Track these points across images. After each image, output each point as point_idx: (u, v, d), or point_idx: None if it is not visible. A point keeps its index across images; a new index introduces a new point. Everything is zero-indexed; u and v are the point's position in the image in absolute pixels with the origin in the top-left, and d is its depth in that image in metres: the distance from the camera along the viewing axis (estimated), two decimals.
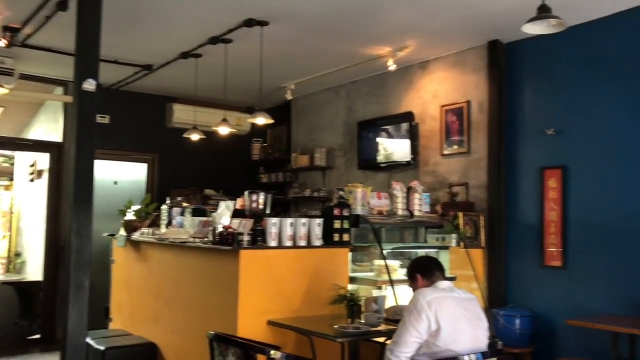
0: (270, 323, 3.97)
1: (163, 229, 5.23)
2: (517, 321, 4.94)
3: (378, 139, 6.61)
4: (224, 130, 6.30)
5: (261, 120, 5.70)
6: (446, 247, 5.19)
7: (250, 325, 3.91)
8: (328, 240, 4.35)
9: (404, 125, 6.33)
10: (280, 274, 4.12)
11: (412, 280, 3.37)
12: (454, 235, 5.15)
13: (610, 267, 4.68)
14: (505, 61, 5.54)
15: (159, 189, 7.85)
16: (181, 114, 7.77)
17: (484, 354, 2.96)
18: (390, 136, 6.51)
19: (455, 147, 5.89)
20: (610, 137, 4.76)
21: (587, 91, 4.94)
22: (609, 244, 4.70)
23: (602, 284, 4.72)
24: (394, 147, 6.44)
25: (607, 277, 4.69)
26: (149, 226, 5.50)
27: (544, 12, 3.52)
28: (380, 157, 6.55)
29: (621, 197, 4.65)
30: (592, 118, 4.89)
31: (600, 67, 4.87)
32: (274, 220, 4.09)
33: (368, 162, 6.77)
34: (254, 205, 4.26)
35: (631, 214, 4.57)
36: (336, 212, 4.36)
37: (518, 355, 5.03)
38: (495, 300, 5.31)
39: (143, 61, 6.56)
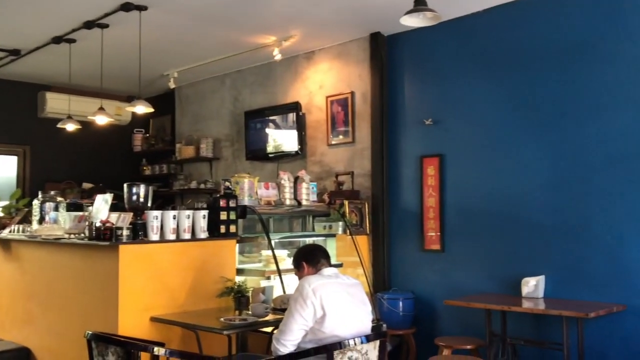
0: (154, 319, 3.82)
1: (35, 226, 4.88)
2: (400, 304, 5.14)
3: (266, 130, 6.57)
4: (101, 120, 5.99)
5: (141, 109, 5.46)
6: (333, 235, 5.28)
7: (132, 323, 3.74)
8: (214, 232, 4.26)
9: (291, 116, 6.35)
10: (163, 269, 3.97)
11: (298, 268, 3.37)
12: (340, 223, 5.25)
13: (483, 248, 4.97)
14: (386, 53, 5.71)
15: (31, 184, 7.34)
16: (55, 103, 7.30)
17: (367, 337, 3.02)
18: (277, 126, 6.50)
19: (341, 137, 5.99)
20: (482, 127, 5.05)
21: (461, 83, 5.20)
22: (482, 227, 4.99)
23: (477, 265, 5.01)
24: (282, 138, 6.44)
25: (481, 258, 4.99)
26: (20, 223, 5.11)
27: (420, 5, 3.64)
28: (270, 148, 6.52)
29: (492, 183, 4.95)
30: (465, 109, 5.16)
31: (473, 60, 5.14)
32: (155, 213, 3.94)
33: (256, 153, 6.72)
34: (134, 198, 4.08)
35: (501, 198, 4.88)
36: (222, 203, 4.27)
37: (402, 337, 5.23)
38: (380, 285, 5.49)
39: (9, 45, 6.07)
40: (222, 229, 4.24)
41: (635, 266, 4.15)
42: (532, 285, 4.48)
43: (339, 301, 3.04)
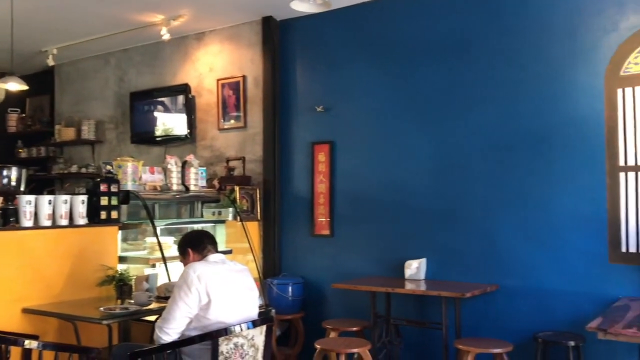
0: (27, 311, 3.59)
1: None
2: (290, 289, 5.17)
3: (153, 112, 6.33)
4: None
5: (14, 86, 5.07)
6: (223, 221, 5.20)
7: (1, 315, 3.48)
8: (95, 218, 4.05)
9: (180, 98, 6.16)
10: (37, 257, 3.73)
11: (183, 255, 3.29)
12: (230, 209, 5.17)
13: (371, 233, 5.11)
14: (279, 38, 5.67)
15: None
16: None
17: (254, 322, 3.01)
18: (166, 109, 6.29)
19: (233, 121, 5.90)
20: (370, 115, 5.16)
21: (352, 71, 5.28)
22: (369, 212, 5.13)
23: (364, 249, 5.14)
24: (170, 121, 6.23)
25: (368, 242, 5.12)
26: None
27: None
28: (158, 131, 6.29)
29: (379, 170, 5.09)
30: (356, 97, 5.25)
31: (364, 49, 5.24)
32: (29, 197, 3.68)
33: (142, 136, 6.46)
34: (5, 181, 3.77)
35: (387, 185, 5.03)
36: (103, 188, 4.07)
37: (291, 321, 5.27)
38: (270, 271, 5.49)
39: None
40: (103, 215, 4.05)
41: (507, 249, 4.44)
42: (415, 268, 4.67)
43: (225, 287, 3.00)
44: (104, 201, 4.04)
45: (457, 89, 4.72)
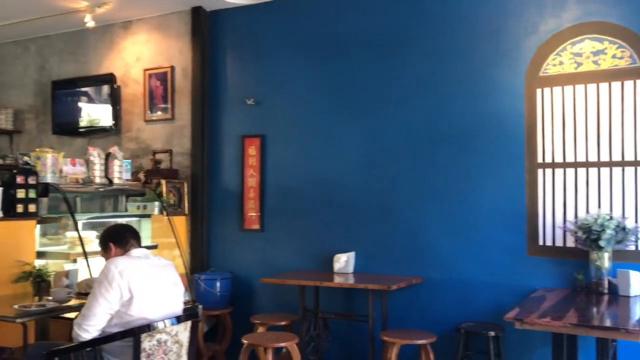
0: None
1: None
2: (218, 284, 5.10)
3: (77, 102, 6.08)
4: None
5: None
6: (148, 215, 5.06)
7: None
8: (11, 212, 3.85)
9: (105, 88, 5.94)
10: None
11: (105, 250, 3.18)
12: (156, 203, 5.04)
13: (301, 227, 5.11)
14: (209, 29, 5.57)
15: None
16: None
17: (178, 318, 2.95)
18: (90, 99, 6.05)
19: (160, 113, 5.75)
20: (302, 109, 5.16)
21: (283, 65, 5.26)
22: (299, 206, 5.13)
23: (294, 244, 5.14)
24: (94, 111, 6.00)
25: (298, 236, 5.12)
26: None
27: None
28: (82, 122, 6.04)
29: (310, 164, 5.10)
30: (287, 91, 5.24)
31: (296, 43, 5.22)
32: None
33: (65, 127, 6.19)
34: None
35: (318, 179, 5.05)
36: (20, 180, 3.88)
37: (219, 317, 5.21)
38: (198, 266, 5.40)
39: None
40: (20, 208, 3.87)
41: (432, 242, 4.55)
42: (343, 262, 4.71)
43: (148, 283, 2.92)
44: (20, 194, 3.86)
45: (386, 84, 4.79)
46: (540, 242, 4.17)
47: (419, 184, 4.63)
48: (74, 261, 4.26)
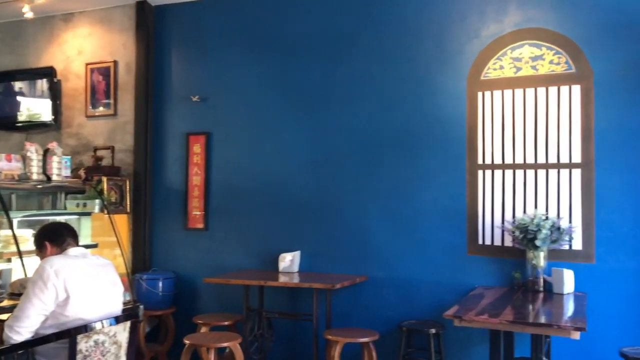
0: None
1: None
2: (160, 284, 5.01)
3: (15, 96, 5.85)
4: None
5: None
6: (88, 214, 4.93)
7: None
8: None
9: (44, 82, 5.74)
10: None
11: (40, 249, 3.07)
12: (97, 201, 4.90)
13: (246, 226, 5.08)
14: (153, 24, 5.47)
15: None
16: None
17: (116, 318, 2.88)
18: (28, 92, 5.83)
19: (102, 108, 5.61)
20: (249, 107, 5.13)
21: (231, 62, 5.21)
22: (245, 205, 5.09)
23: (239, 243, 5.10)
24: (33, 105, 5.79)
25: (243, 236, 5.09)
26: None
27: None
28: (21, 116, 5.81)
29: (256, 163, 5.07)
30: (234, 88, 5.19)
31: (244, 40, 5.18)
32: None
33: (1, 121, 5.94)
34: None
35: (264, 178, 5.03)
36: None
37: (161, 317, 5.11)
38: (140, 265, 5.29)
39: None
40: None
41: (376, 241, 4.61)
42: (289, 261, 4.71)
43: (85, 283, 2.83)
44: None
45: (333, 84, 4.82)
46: (480, 242, 4.28)
47: (365, 184, 4.67)
48: (8, 260, 4.10)
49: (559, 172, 4.08)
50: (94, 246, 4.77)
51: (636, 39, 3.90)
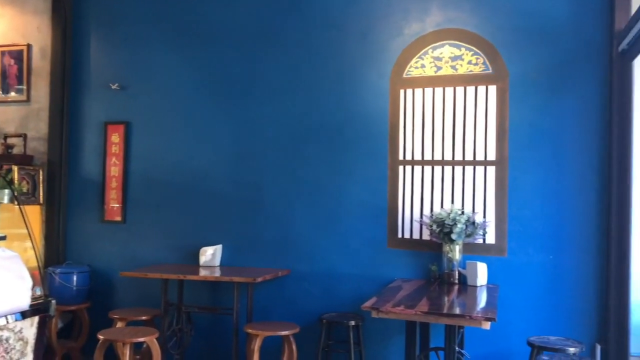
0: None
1: None
2: (74, 278, 4.81)
3: None
4: None
5: None
6: None
7: None
8: None
9: None
10: None
11: None
12: (6, 191, 4.64)
13: (166, 219, 4.97)
14: (71, 7, 5.23)
15: None
16: None
17: (23, 314, 2.74)
18: None
19: (13, 94, 5.32)
20: (171, 97, 5.00)
21: (152, 51, 5.06)
22: (165, 198, 4.98)
23: (159, 236, 4.98)
24: None
25: (163, 229, 4.97)
26: None
27: None
28: None
29: (178, 154, 4.96)
30: (155, 77, 5.05)
31: (167, 29, 5.05)
32: None
33: None
34: None
35: (185, 170, 4.93)
36: None
37: (75, 312, 4.92)
38: (54, 259, 5.07)
39: None
40: None
41: (300, 235, 4.62)
42: (210, 255, 4.64)
43: None
44: None
45: (259, 77, 4.78)
46: (400, 235, 4.38)
47: (288, 178, 4.67)
48: None
49: (474, 169, 4.23)
50: (2, 238, 4.49)
51: (548, 43, 4.10)
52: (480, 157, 4.22)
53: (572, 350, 3.46)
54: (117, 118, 5.12)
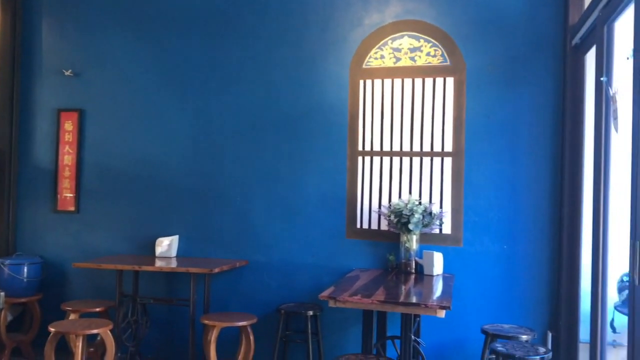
0: None
1: None
2: (25, 269, 4.67)
3: None
4: None
5: None
6: None
7: None
8: None
9: None
10: None
11: None
12: None
13: (122, 210, 4.86)
14: None
15: None
16: None
17: None
18: None
19: None
20: (127, 85, 4.89)
21: (108, 37, 4.94)
22: (121, 188, 4.87)
23: (114, 227, 4.87)
24: None
25: (119, 219, 4.87)
26: None
27: None
28: None
29: (134, 144, 4.86)
30: (111, 64, 4.93)
31: (123, 15, 4.92)
32: None
33: None
34: None
35: (142, 159, 4.83)
36: None
37: (26, 305, 4.78)
38: (3, 250, 4.92)
39: None
40: None
41: (258, 226, 4.59)
42: (166, 245, 4.57)
43: None
44: None
45: (217, 66, 4.71)
46: (358, 226, 4.40)
47: (246, 168, 4.63)
48: None
49: (432, 160, 4.27)
50: None
51: (504, 37, 4.16)
52: (437, 148, 4.26)
53: (524, 337, 3.54)
54: (70, 105, 4.98)
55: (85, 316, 4.24)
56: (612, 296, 3.39)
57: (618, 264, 3.31)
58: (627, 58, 2.58)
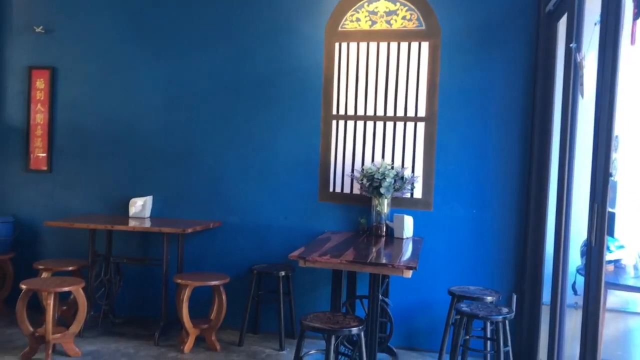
0: None
1: None
2: None
3: None
4: None
5: None
6: None
7: None
8: None
9: None
10: None
11: None
12: None
13: (94, 169, 4.84)
14: None
15: None
16: None
17: None
18: None
19: None
20: (100, 44, 4.81)
21: None
22: (94, 147, 4.84)
23: (87, 186, 4.85)
24: None
25: (91, 179, 4.85)
26: None
27: None
28: None
29: (107, 103, 4.81)
30: (83, 22, 4.83)
31: None
32: None
33: None
34: None
35: (115, 119, 4.79)
36: None
37: None
38: None
39: None
40: None
41: (232, 188, 4.61)
42: (140, 206, 4.57)
43: None
44: None
45: (190, 27, 4.65)
46: (331, 189, 4.44)
47: (220, 130, 4.62)
48: None
49: (405, 124, 4.30)
50: None
51: (479, 2, 4.16)
52: (411, 113, 4.29)
53: (489, 299, 3.65)
54: (41, 63, 4.89)
55: (58, 275, 4.26)
56: (576, 260, 3.49)
57: (583, 229, 3.40)
58: (595, 24, 2.62)
